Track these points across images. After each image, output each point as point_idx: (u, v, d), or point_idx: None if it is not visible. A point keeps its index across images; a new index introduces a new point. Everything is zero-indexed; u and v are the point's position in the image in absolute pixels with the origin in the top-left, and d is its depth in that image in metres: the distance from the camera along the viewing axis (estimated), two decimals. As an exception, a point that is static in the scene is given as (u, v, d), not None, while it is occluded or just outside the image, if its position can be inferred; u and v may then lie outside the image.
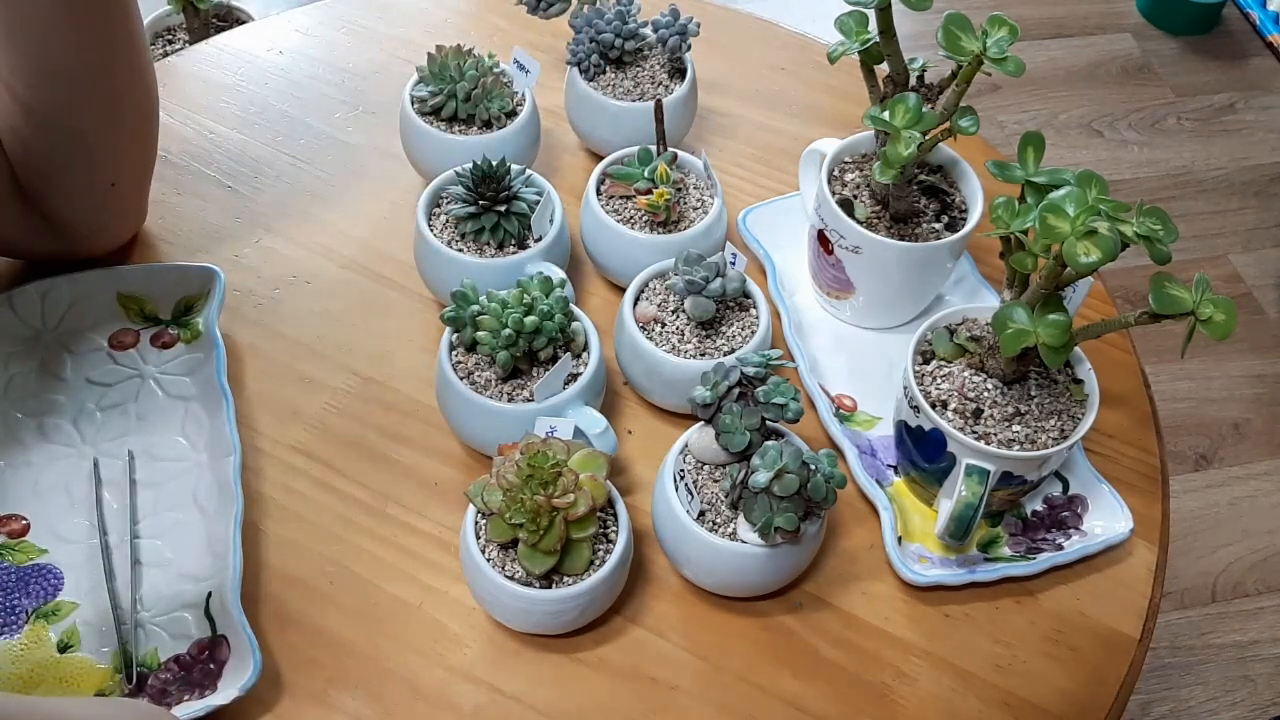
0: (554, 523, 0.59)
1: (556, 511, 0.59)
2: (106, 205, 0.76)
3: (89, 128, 0.72)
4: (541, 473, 0.59)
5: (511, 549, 0.61)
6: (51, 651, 0.62)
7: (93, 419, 0.72)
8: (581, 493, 0.60)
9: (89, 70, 0.70)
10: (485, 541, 0.62)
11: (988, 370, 0.66)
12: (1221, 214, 2.01)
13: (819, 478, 0.61)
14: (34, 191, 0.73)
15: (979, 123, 0.68)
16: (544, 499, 0.59)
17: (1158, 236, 0.57)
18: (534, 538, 0.59)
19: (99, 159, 0.74)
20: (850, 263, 0.75)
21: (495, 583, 0.60)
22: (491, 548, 0.62)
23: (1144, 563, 0.70)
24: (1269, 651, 1.51)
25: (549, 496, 0.59)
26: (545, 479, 0.59)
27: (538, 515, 0.59)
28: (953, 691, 0.65)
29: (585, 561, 0.61)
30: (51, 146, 0.71)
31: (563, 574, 0.61)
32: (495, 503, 0.59)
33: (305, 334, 0.78)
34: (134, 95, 0.74)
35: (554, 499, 0.59)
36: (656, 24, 0.86)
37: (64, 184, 0.73)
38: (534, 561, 0.59)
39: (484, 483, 0.61)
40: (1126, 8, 2.37)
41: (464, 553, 0.62)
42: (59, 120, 0.70)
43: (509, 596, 0.61)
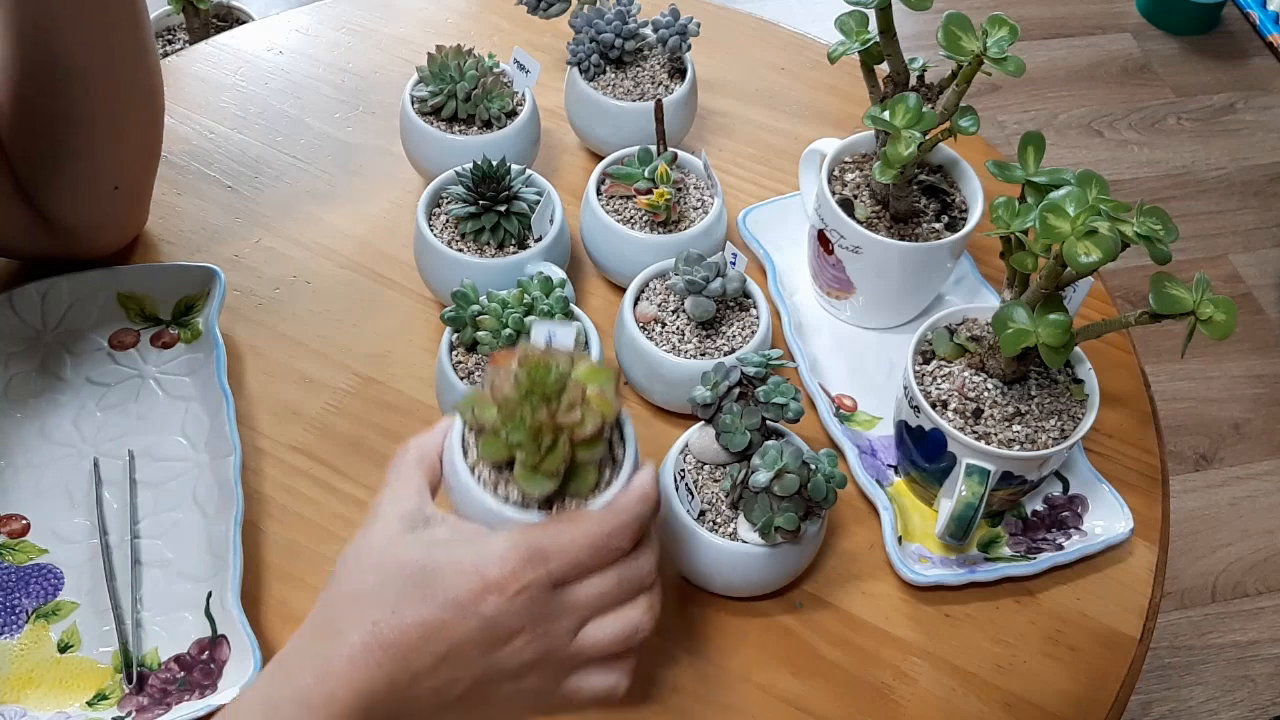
0: (558, 443, 0.51)
1: (561, 431, 0.51)
2: (108, 208, 0.76)
3: (93, 129, 0.72)
4: (543, 387, 0.51)
5: (506, 469, 0.53)
6: (51, 651, 0.62)
7: (93, 419, 0.72)
8: (589, 410, 0.52)
9: (95, 71, 0.70)
10: (474, 460, 0.54)
11: (988, 370, 0.66)
12: (1221, 214, 2.01)
13: (819, 478, 0.61)
14: (36, 192, 0.73)
15: (979, 123, 0.68)
16: (547, 416, 0.51)
17: (1158, 236, 0.57)
18: (534, 459, 0.51)
19: (102, 162, 0.74)
20: (850, 263, 0.75)
21: (487, 507, 0.52)
22: (483, 468, 0.53)
23: (1144, 563, 0.70)
24: (1269, 651, 1.51)
25: (552, 414, 0.51)
26: (548, 394, 0.51)
27: (539, 434, 0.51)
28: (953, 691, 0.65)
29: (591, 484, 0.53)
30: (55, 148, 0.71)
31: (566, 495, 0.53)
32: (489, 419, 0.52)
33: (305, 334, 0.78)
34: (139, 98, 0.74)
35: (558, 417, 0.51)
36: (656, 24, 0.86)
37: (66, 186, 0.73)
38: (533, 484, 0.52)
39: (474, 395, 0.53)
40: (1126, 8, 2.37)
41: (449, 473, 0.54)
42: (64, 121, 0.70)
43: (503, 523, 0.52)
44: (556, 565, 0.49)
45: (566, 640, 0.51)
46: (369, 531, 0.51)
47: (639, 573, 0.52)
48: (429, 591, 0.48)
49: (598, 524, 0.51)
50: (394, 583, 0.49)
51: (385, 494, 0.53)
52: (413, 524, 0.51)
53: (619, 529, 0.51)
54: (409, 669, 0.48)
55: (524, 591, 0.48)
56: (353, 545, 0.51)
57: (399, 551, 0.50)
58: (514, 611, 0.49)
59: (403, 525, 0.51)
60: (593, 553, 0.50)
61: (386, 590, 0.49)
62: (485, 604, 0.48)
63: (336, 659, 0.47)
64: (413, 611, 0.48)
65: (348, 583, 0.50)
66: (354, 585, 0.50)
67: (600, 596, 0.51)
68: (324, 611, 0.50)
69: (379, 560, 0.50)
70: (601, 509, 0.52)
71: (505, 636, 0.49)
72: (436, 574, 0.49)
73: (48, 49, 0.68)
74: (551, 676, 0.51)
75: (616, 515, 0.51)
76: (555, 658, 0.51)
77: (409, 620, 0.48)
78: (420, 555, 0.49)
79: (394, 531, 0.51)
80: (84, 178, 0.74)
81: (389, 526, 0.51)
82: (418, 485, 0.53)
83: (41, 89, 0.69)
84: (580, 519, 0.51)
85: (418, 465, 0.54)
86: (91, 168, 0.74)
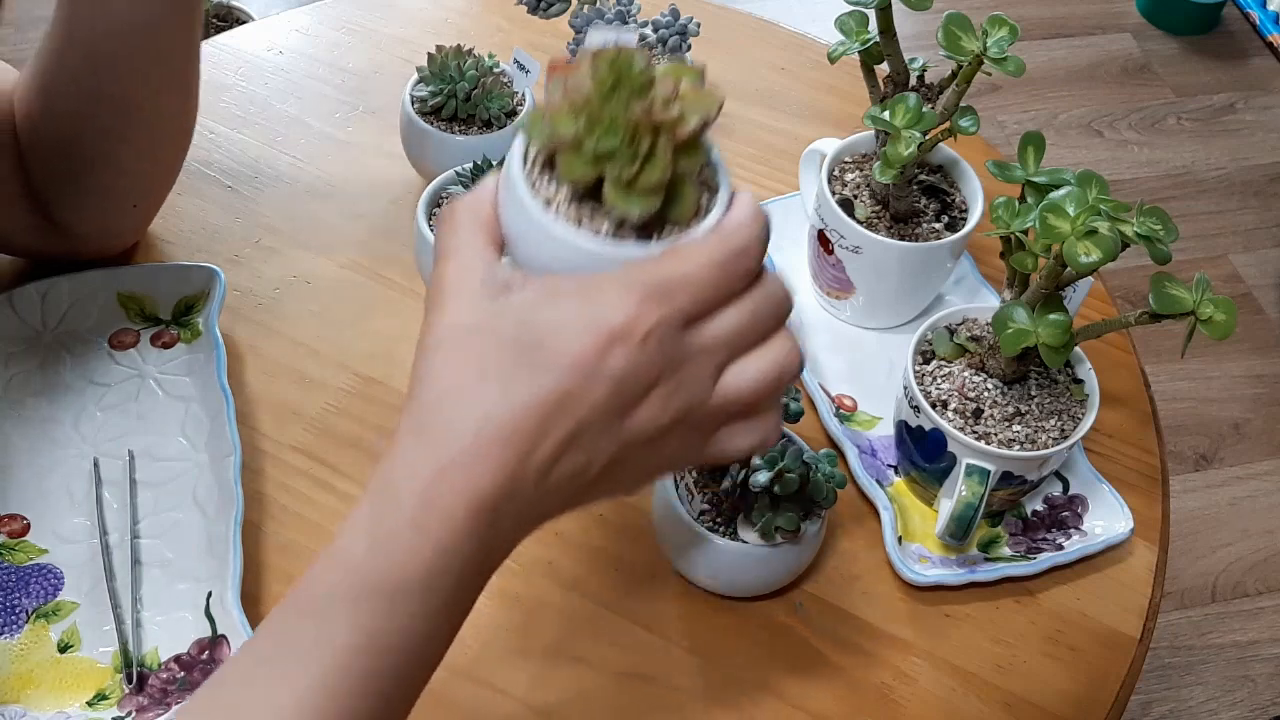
0: (657, 148, 0.42)
1: (660, 132, 0.42)
2: (124, 220, 0.77)
3: (124, 154, 0.72)
4: (631, 80, 0.42)
5: (587, 202, 0.43)
6: (51, 651, 0.62)
7: (93, 419, 0.72)
8: (689, 104, 0.43)
9: (139, 101, 0.70)
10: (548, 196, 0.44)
11: (988, 370, 0.66)
12: (1221, 214, 2.02)
13: (819, 478, 0.61)
14: (52, 200, 0.73)
15: (979, 123, 0.68)
16: (641, 114, 0.42)
17: (1158, 236, 0.57)
18: (630, 170, 0.42)
19: (128, 182, 0.75)
20: (850, 263, 0.75)
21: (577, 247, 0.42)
22: (560, 203, 0.44)
23: (1144, 563, 0.70)
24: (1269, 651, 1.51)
25: (647, 110, 0.42)
26: (637, 88, 0.42)
27: (635, 137, 0.42)
28: (953, 691, 0.65)
29: (691, 206, 0.44)
30: (82, 165, 0.72)
31: (664, 224, 0.44)
32: (566, 131, 0.42)
33: (305, 334, 0.78)
34: (177, 127, 0.74)
35: (655, 113, 0.42)
36: (656, 24, 0.86)
37: (87, 200, 0.74)
38: (630, 203, 0.42)
39: (542, 109, 0.44)
40: (1126, 8, 2.37)
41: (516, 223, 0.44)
42: (96, 143, 0.71)
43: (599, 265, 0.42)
44: (683, 299, 0.41)
45: (707, 390, 0.43)
46: (440, 315, 0.43)
47: (775, 298, 0.44)
48: (540, 361, 0.41)
49: (717, 247, 0.42)
50: (495, 363, 0.41)
51: (446, 267, 0.44)
52: (492, 292, 0.42)
53: (741, 249, 0.43)
54: (534, 460, 0.41)
55: (651, 335, 0.41)
56: (426, 338, 0.43)
57: (489, 326, 0.42)
58: (645, 362, 0.41)
59: (481, 294, 0.42)
60: (719, 280, 0.42)
61: (487, 375, 0.41)
62: (611, 360, 0.40)
63: (443, 471, 0.41)
64: (526, 390, 0.40)
65: (436, 380, 0.42)
66: (445, 380, 0.42)
67: (737, 331, 0.43)
68: (416, 419, 0.42)
69: (467, 343, 0.42)
70: (714, 233, 0.43)
71: (639, 395, 0.42)
72: (544, 339, 0.41)
73: (94, 76, 0.67)
74: (696, 437, 0.44)
75: (734, 235, 0.43)
76: (698, 414, 0.43)
77: (524, 402, 0.40)
78: (516, 324, 0.41)
79: (474, 305, 0.42)
80: (106, 195, 0.74)
81: (465, 302, 0.42)
82: (480, 247, 0.44)
83: (79, 112, 0.69)
84: (694, 246, 0.42)
85: (474, 226, 0.45)
86: (116, 187, 0.74)
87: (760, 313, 0.44)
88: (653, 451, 0.43)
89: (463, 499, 0.41)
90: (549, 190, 0.44)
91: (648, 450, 0.43)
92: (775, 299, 0.44)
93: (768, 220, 0.44)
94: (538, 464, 0.41)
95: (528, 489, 0.41)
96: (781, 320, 0.45)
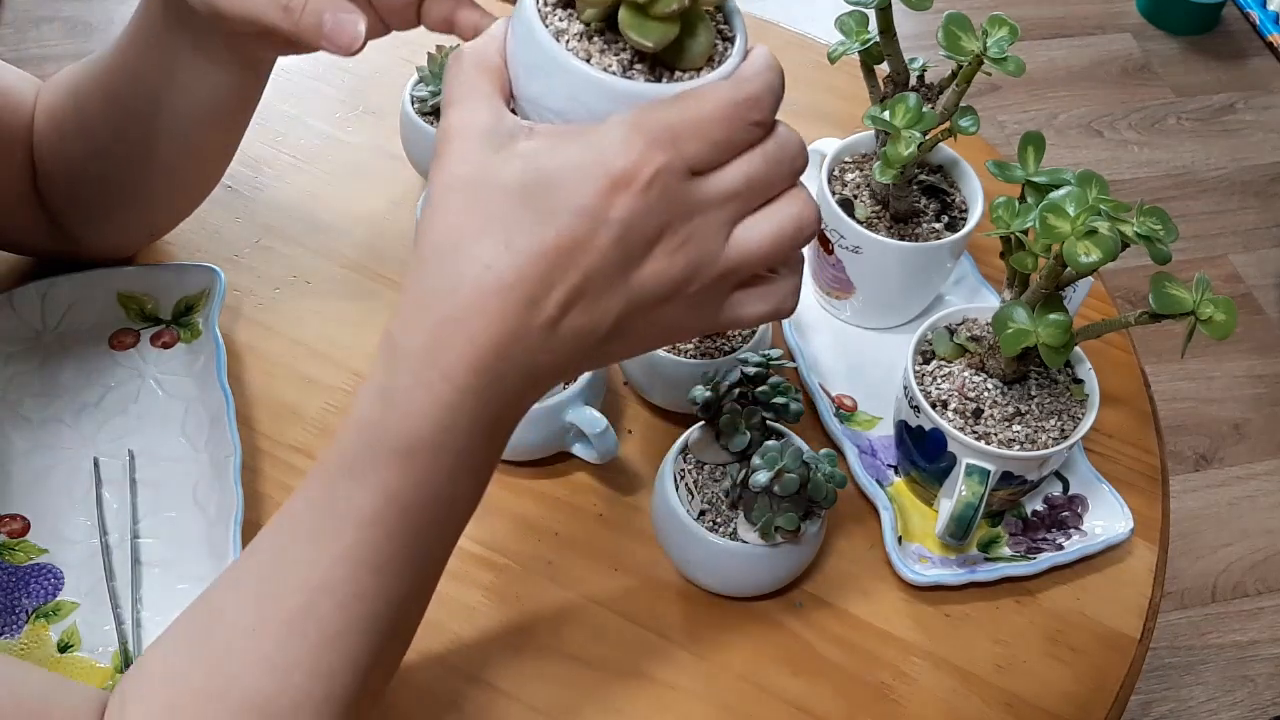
0: None
1: None
2: (137, 241, 0.77)
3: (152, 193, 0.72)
4: None
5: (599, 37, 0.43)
6: (51, 651, 0.62)
7: (93, 419, 0.72)
8: None
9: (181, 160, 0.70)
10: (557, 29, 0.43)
11: (988, 370, 0.66)
12: (1221, 214, 2.02)
13: (819, 477, 0.61)
14: (67, 218, 0.73)
15: (979, 123, 0.68)
16: None
17: (1158, 236, 0.57)
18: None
19: (150, 216, 0.75)
20: (850, 263, 0.75)
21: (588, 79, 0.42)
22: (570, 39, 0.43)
23: (1144, 563, 0.70)
24: (1269, 651, 1.51)
25: None
26: None
27: None
28: (953, 691, 0.65)
29: (707, 48, 0.43)
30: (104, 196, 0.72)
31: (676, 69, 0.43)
32: None
33: (305, 334, 0.78)
34: (210, 176, 0.74)
35: None
36: None
37: (104, 225, 0.74)
38: (646, 31, 0.41)
39: None
40: (1126, 8, 2.37)
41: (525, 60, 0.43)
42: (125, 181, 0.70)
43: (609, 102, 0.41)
44: (689, 145, 0.40)
45: (718, 245, 0.42)
46: (444, 162, 0.42)
47: (789, 149, 0.43)
48: (544, 207, 0.40)
49: (728, 91, 0.41)
50: (498, 212, 0.40)
51: (451, 116, 0.43)
52: (497, 140, 0.41)
53: (753, 96, 0.41)
54: (539, 312, 0.40)
55: (656, 180, 0.40)
56: (430, 190, 0.42)
57: (493, 174, 0.41)
58: (650, 208, 0.40)
59: (485, 143, 0.41)
60: (729, 126, 0.41)
61: (491, 224, 0.40)
62: (616, 205, 0.39)
63: (443, 325, 0.40)
64: (530, 238, 0.39)
65: (437, 232, 0.41)
66: (446, 231, 0.41)
67: (748, 181, 0.42)
68: (418, 274, 0.42)
69: (468, 193, 0.41)
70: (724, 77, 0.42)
71: (646, 244, 0.41)
72: (548, 185, 0.40)
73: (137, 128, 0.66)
74: (708, 298, 0.43)
75: (748, 82, 0.42)
76: (708, 272, 0.42)
77: (528, 250, 0.39)
78: (520, 170, 0.40)
79: (477, 153, 0.41)
80: (126, 224, 0.75)
81: (469, 149, 0.41)
82: (486, 93, 0.43)
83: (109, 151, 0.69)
84: (705, 91, 0.41)
85: (479, 70, 0.43)
86: (137, 220, 0.75)
87: (773, 165, 0.42)
88: (663, 311, 0.43)
89: (464, 353, 0.40)
90: (561, 25, 0.43)
91: (658, 309, 0.42)
92: (789, 150, 0.43)
93: (782, 72, 0.43)
94: (545, 316, 0.40)
95: (533, 341, 0.41)
96: (797, 174, 0.43)
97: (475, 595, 0.66)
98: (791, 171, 0.43)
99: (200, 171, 0.73)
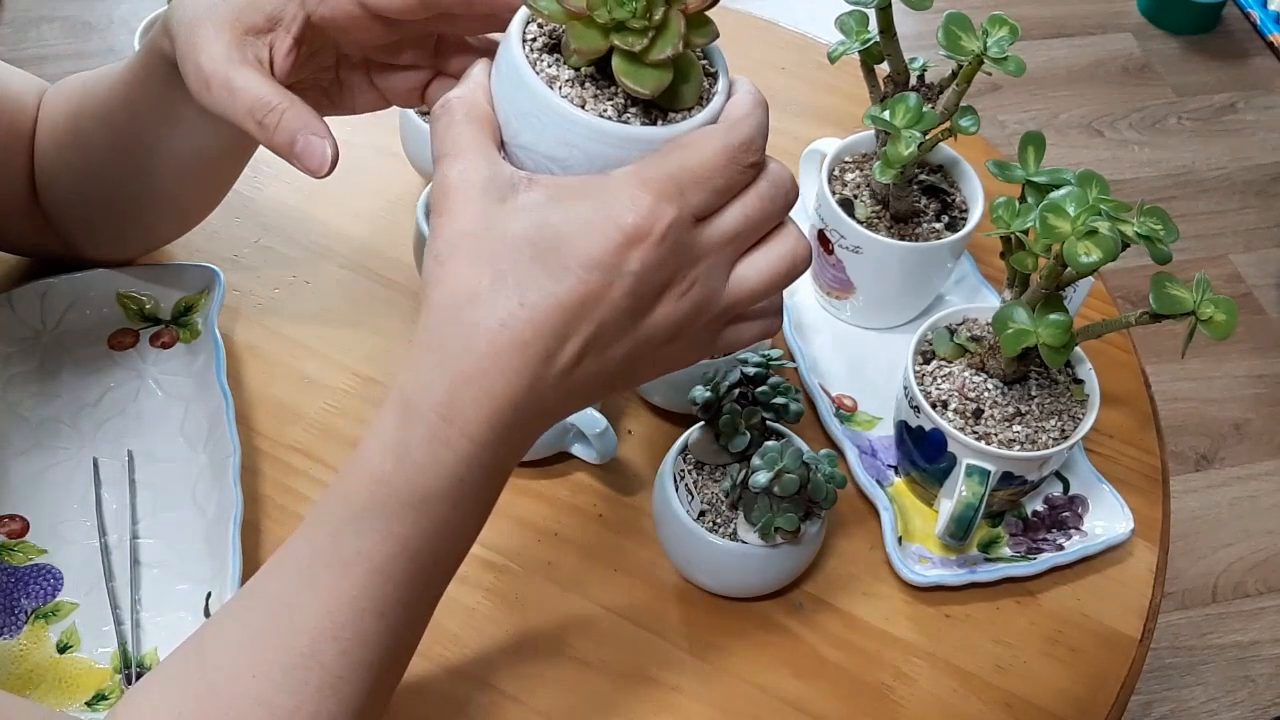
0: (669, 17, 0.42)
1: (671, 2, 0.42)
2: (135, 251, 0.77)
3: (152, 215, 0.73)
4: None
5: (591, 84, 0.43)
6: (51, 652, 0.62)
7: (92, 419, 0.71)
8: None
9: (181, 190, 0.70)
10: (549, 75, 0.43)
11: (988, 370, 0.66)
12: (1222, 214, 2.01)
13: (819, 478, 0.61)
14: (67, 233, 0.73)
15: (979, 122, 0.68)
16: None
17: (1158, 236, 0.57)
18: (642, 40, 0.41)
19: (151, 235, 0.76)
20: (850, 263, 0.75)
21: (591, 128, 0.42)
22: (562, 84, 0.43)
23: (1144, 563, 0.70)
24: (1269, 652, 1.51)
25: None
26: None
27: (650, 5, 0.41)
28: (953, 692, 0.65)
29: (697, 89, 0.44)
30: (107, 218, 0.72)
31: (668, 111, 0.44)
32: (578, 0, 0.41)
33: (305, 334, 0.78)
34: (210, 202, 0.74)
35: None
36: None
37: (106, 243, 0.74)
38: (642, 78, 0.42)
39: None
40: (1127, 7, 2.37)
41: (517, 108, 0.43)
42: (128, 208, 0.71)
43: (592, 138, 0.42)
44: (694, 195, 0.41)
45: (720, 284, 0.44)
46: (449, 221, 0.42)
47: (780, 186, 0.44)
48: (557, 263, 0.40)
49: (722, 138, 0.42)
50: (508, 268, 0.40)
51: (449, 169, 0.42)
52: (499, 192, 0.41)
53: (747, 139, 0.43)
54: (554, 364, 0.41)
55: (669, 234, 0.41)
56: (435, 245, 0.42)
57: (499, 228, 0.41)
58: (661, 260, 0.41)
59: (488, 197, 0.41)
60: (729, 173, 0.42)
61: (502, 280, 0.40)
62: (631, 259, 0.40)
63: (461, 382, 0.41)
64: (545, 293, 0.40)
65: (449, 285, 0.41)
66: (458, 287, 0.41)
67: (746, 221, 0.43)
68: (431, 330, 0.42)
69: (477, 249, 0.41)
70: (720, 124, 0.43)
71: (656, 293, 0.42)
72: (558, 240, 0.40)
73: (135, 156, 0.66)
74: (707, 332, 0.45)
75: (740, 126, 0.43)
76: (712, 309, 0.44)
77: (543, 305, 0.40)
78: (528, 225, 0.41)
79: (481, 208, 0.41)
80: (125, 237, 0.74)
81: (472, 205, 0.41)
82: (481, 145, 0.43)
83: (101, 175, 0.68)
84: (702, 139, 0.42)
85: (470, 120, 0.43)
86: (135, 235, 0.75)
87: (767, 202, 0.44)
88: (667, 347, 0.44)
89: (481, 409, 0.41)
90: (551, 71, 0.43)
91: (663, 347, 0.44)
92: (782, 187, 0.45)
93: (767, 107, 0.45)
94: (560, 368, 0.41)
95: (548, 392, 0.42)
96: (788, 208, 0.45)
97: (475, 597, 0.66)
98: (785, 206, 0.45)
99: (201, 197, 0.73)
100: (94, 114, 0.66)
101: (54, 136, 0.69)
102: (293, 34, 0.53)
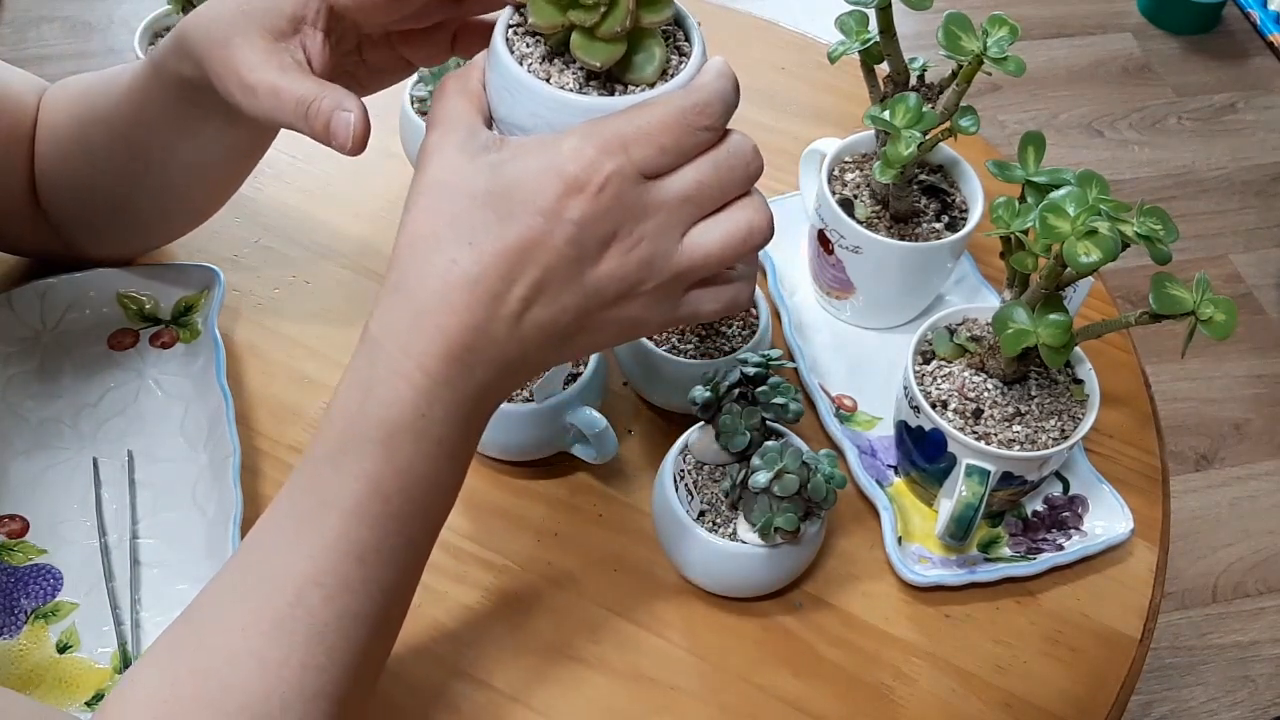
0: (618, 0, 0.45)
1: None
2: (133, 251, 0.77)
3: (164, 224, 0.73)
4: None
5: (560, 59, 0.47)
6: (51, 652, 0.62)
7: (92, 419, 0.72)
8: None
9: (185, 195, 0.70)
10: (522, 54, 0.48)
11: (988, 370, 0.66)
12: (1222, 214, 2.01)
13: (819, 478, 0.61)
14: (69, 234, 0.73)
15: (979, 122, 0.68)
16: None
17: (1158, 236, 0.57)
18: (593, 15, 0.45)
19: (152, 236, 0.76)
20: (850, 263, 0.75)
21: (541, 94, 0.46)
22: (533, 63, 0.47)
23: (1144, 563, 0.70)
24: (1269, 652, 1.51)
25: None
26: None
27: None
28: (953, 692, 0.65)
29: (658, 65, 0.47)
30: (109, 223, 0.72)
31: (628, 84, 0.47)
32: None
33: (305, 334, 0.78)
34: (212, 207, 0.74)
35: None
36: (656, 24, 0.86)
37: (108, 245, 0.74)
38: (593, 51, 0.45)
39: None
40: (1127, 7, 2.37)
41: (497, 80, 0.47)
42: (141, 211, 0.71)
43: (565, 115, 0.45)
44: (638, 151, 0.43)
45: (671, 245, 0.45)
46: (425, 171, 0.46)
47: (740, 156, 0.46)
48: (504, 209, 0.43)
49: (678, 100, 0.44)
50: (464, 214, 0.44)
51: (431, 133, 0.47)
52: (471, 151, 0.45)
53: (702, 103, 0.44)
54: (503, 305, 0.44)
55: (608, 185, 0.43)
56: (412, 190, 0.46)
57: (464, 181, 0.45)
58: (603, 210, 0.43)
59: (461, 154, 0.45)
60: (678, 133, 0.44)
61: (458, 225, 0.44)
62: (570, 207, 0.43)
63: (417, 317, 0.44)
64: (493, 236, 0.43)
65: (412, 229, 0.45)
66: (419, 231, 0.45)
67: (699, 186, 0.45)
68: (395, 271, 0.45)
69: (441, 196, 0.45)
70: (677, 89, 0.45)
71: (600, 244, 0.44)
72: (509, 191, 0.43)
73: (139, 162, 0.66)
74: (665, 295, 0.47)
75: (697, 90, 0.45)
76: (663, 270, 0.45)
77: (490, 247, 0.43)
78: (487, 179, 0.44)
79: (453, 162, 0.45)
80: (126, 238, 0.75)
81: (446, 159, 0.46)
82: (464, 111, 0.47)
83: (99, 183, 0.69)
84: (656, 100, 0.44)
85: (459, 94, 0.48)
86: (136, 236, 0.75)
87: (724, 170, 0.45)
88: (622, 307, 0.46)
89: (435, 344, 0.44)
90: (526, 50, 0.48)
91: (617, 305, 0.46)
92: (743, 157, 0.46)
93: (736, 81, 0.46)
94: (508, 310, 0.44)
95: (500, 334, 0.44)
96: (751, 180, 0.46)
97: (475, 595, 0.66)
98: (745, 177, 0.46)
99: (206, 200, 0.73)
100: (100, 122, 0.66)
101: (56, 139, 0.69)
102: (320, 27, 0.55)
